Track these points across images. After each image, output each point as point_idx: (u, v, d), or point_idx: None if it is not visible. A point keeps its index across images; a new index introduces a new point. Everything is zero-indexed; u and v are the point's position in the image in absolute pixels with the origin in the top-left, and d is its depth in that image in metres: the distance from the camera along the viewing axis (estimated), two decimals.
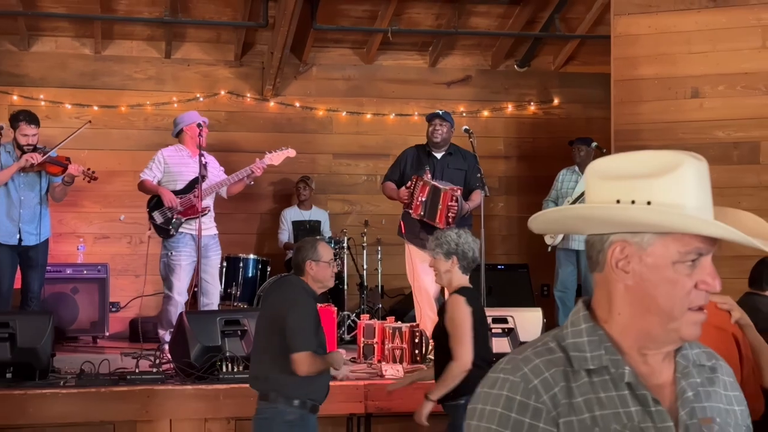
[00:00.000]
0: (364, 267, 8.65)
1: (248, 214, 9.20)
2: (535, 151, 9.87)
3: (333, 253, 4.60)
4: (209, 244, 7.14)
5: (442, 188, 6.67)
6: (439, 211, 6.64)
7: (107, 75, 9.14)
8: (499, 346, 5.99)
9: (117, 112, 9.06)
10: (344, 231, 8.70)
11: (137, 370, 5.67)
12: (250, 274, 8.34)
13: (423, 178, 6.79)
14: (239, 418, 5.40)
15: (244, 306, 8.05)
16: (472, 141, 7.05)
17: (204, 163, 7.15)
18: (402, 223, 7.06)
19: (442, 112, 7.19)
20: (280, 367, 4.26)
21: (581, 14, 9.18)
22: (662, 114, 7.09)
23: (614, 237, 1.58)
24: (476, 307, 4.42)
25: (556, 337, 1.63)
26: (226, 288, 7.99)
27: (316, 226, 8.75)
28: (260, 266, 8.43)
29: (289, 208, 9.04)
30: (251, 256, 8.44)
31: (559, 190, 8.15)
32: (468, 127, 7.20)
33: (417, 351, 6.44)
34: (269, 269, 8.49)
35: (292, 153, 7.53)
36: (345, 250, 8.44)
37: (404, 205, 6.91)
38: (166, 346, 6.62)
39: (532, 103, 9.99)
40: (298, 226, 8.75)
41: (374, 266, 8.84)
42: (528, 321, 6.27)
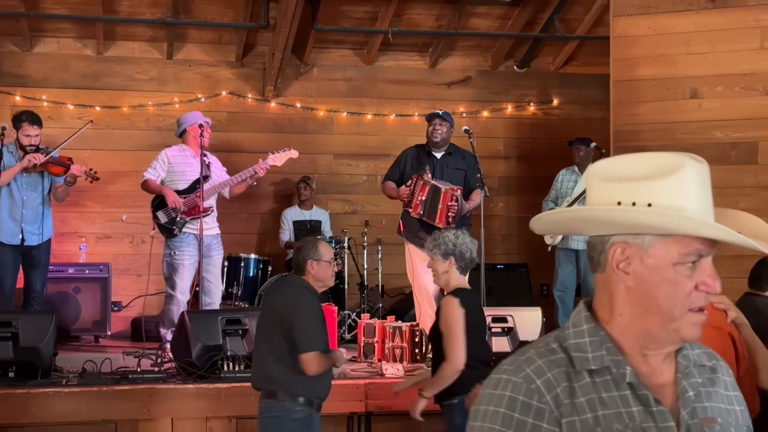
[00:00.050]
0: (365, 266, 8.66)
1: (249, 214, 9.19)
2: (535, 151, 9.86)
3: (333, 253, 4.61)
4: (212, 243, 7.16)
5: (442, 188, 6.65)
6: (439, 211, 6.62)
7: (109, 76, 9.13)
8: (499, 345, 6.00)
9: (119, 112, 9.06)
10: (345, 231, 8.71)
11: (139, 369, 5.67)
12: (251, 274, 8.34)
13: (423, 177, 6.78)
14: (240, 417, 5.42)
15: (245, 305, 8.05)
16: (472, 141, 7.06)
17: (207, 163, 7.16)
18: (401, 222, 7.05)
19: (441, 112, 7.18)
20: (288, 367, 4.27)
21: (580, 15, 9.17)
22: (661, 114, 7.08)
23: (615, 238, 1.58)
24: (471, 309, 4.41)
25: (558, 338, 1.63)
26: (228, 287, 7.98)
27: (316, 226, 8.75)
28: (261, 266, 8.43)
29: (290, 208, 9.03)
30: (252, 256, 8.44)
31: (559, 190, 8.13)
32: (468, 128, 7.22)
33: (417, 350, 6.43)
34: (270, 269, 8.48)
35: (294, 154, 7.53)
36: (346, 249, 8.45)
37: (404, 204, 6.90)
38: (168, 345, 6.63)
39: (532, 104, 9.97)
40: (299, 225, 8.75)
41: (374, 266, 8.85)
42: (527, 320, 6.25)
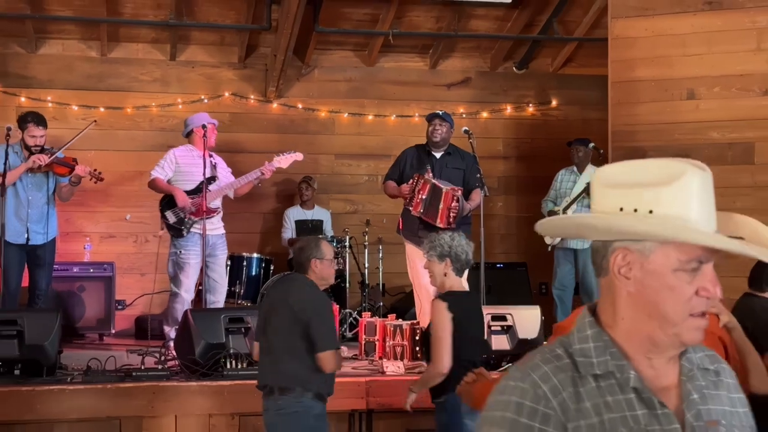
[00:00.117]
0: (366, 265, 8.69)
1: (252, 214, 9.20)
2: (534, 151, 9.87)
3: (334, 251, 4.66)
4: (217, 243, 7.21)
5: (444, 188, 6.66)
6: (440, 211, 6.63)
7: (113, 77, 9.15)
8: (498, 343, 6.05)
9: (123, 113, 9.08)
10: (346, 230, 8.73)
11: (143, 367, 5.69)
12: (254, 273, 8.37)
13: (424, 176, 6.79)
14: (243, 414, 5.45)
15: (248, 304, 8.06)
16: (471, 142, 7.07)
17: (213, 164, 7.20)
18: (401, 220, 7.07)
19: (441, 113, 7.18)
20: (306, 364, 4.29)
21: (579, 17, 9.19)
22: (658, 115, 7.10)
23: (617, 244, 1.59)
24: (461, 311, 4.40)
25: (563, 343, 1.64)
26: (230, 286, 7.95)
27: (318, 226, 8.77)
28: (264, 265, 8.45)
29: (292, 208, 9.05)
30: (255, 255, 8.47)
31: (558, 190, 8.15)
32: (468, 128, 7.22)
33: (418, 348, 6.40)
34: (272, 268, 8.50)
35: (299, 157, 7.55)
36: (347, 248, 8.48)
37: (405, 202, 6.92)
38: (171, 343, 6.66)
39: (531, 105, 9.98)
40: (300, 225, 8.77)
41: (375, 265, 8.88)
42: (526, 318, 6.27)
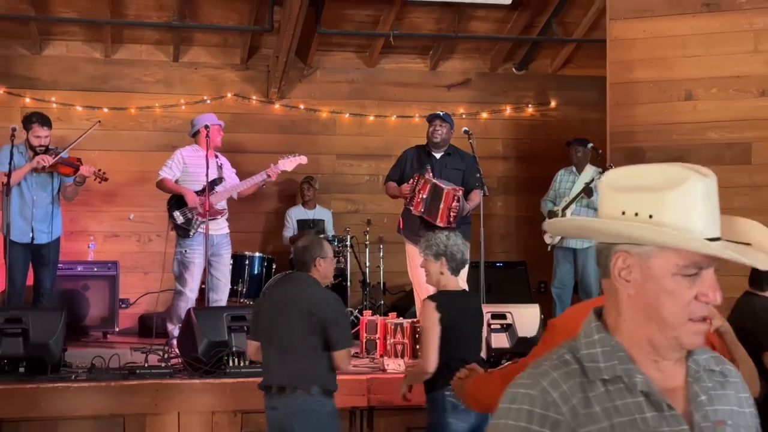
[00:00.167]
0: (367, 264, 8.72)
1: (254, 214, 9.21)
2: (533, 151, 9.89)
3: (334, 250, 4.75)
4: (221, 242, 7.27)
5: (445, 188, 6.68)
6: (441, 211, 6.65)
7: (117, 78, 9.19)
8: (498, 341, 6.07)
9: (126, 114, 9.11)
10: (347, 229, 8.76)
11: (146, 365, 5.72)
12: (256, 272, 8.40)
13: (425, 176, 6.83)
14: (245, 411, 5.48)
15: (250, 302, 8.02)
16: (471, 142, 7.09)
17: (219, 165, 7.27)
18: (401, 220, 7.10)
19: (442, 114, 7.20)
20: (323, 362, 4.33)
21: (578, 19, 9.21)
22: (657, 116, 7.16)
23: (618, 247, 1.60)
24: (451, 311, 4.41)
25: (570, 348, 1.64)
26: (233, 285, 7.95)
27: (320, 225, 8.79)
28: (266, 264, 8.48)
29: (294, 207, 9.09)
30: (257, 254, 8.50)
31: (557, 190, 8.17)
32: (467, 129, 7.24)
33: (418, 346, 6.40)
34: (274, 267, 8.53)
35: (304, 160, 7.61)
36: (348, 248, 8.51)
37: (405, 202, 6.95)
38: (175, 341, 6.68)
39: (530, 106, 10.00)
40: (302, 224, 8.79)
41: (376, 264, 8.90)
42: (526, 317, 6.28)
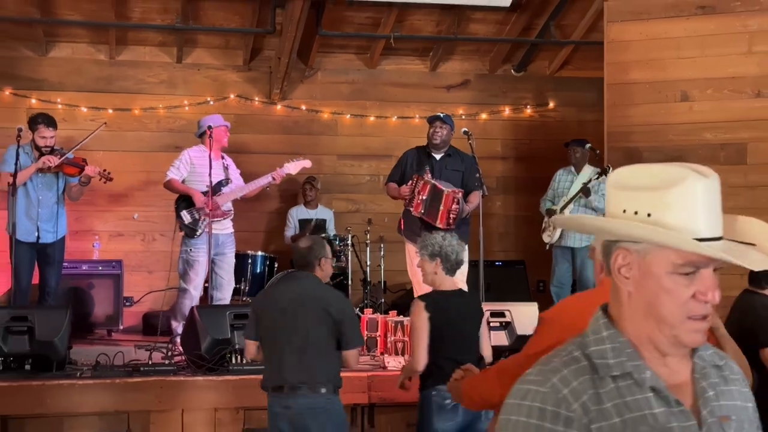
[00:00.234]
0: (368, 263, 8.77)
1: (256, 213, 9.25)
2: (532, 152, 9.91)
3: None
4: (226, 242, 7.35)
5: (444, 189, 6.74)
6: (440, 213, 6.71)
7: (121, 79, 9.24)
8: (497, 339, 6.13)
9: (131, 115, 9.16)
10: (348, 229, 8.81)
11: (150, 362, 5.77)
12: (258, 271, 8.45)
13: (424, 177, 6.89)
14: (248, 408, 5.55)
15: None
16: (471, 143, 7.14)
17: (226, 165, 7.35)
18: (402, 220, 7.17)
19: (443, 115, 7.25)
20: (334, 362, 4.39)
21: (575, 21, 9.22)
22: (653, 116, 7.23)
23: (619, 244, 1.62)
24: (441, 311, 4.45)
25: (579, 345, 1.64)
26: (236, 283, 7.91)
27: (321, 225, 8.85)
28: (268, 263, 8.54)
29: (295, 207, 9.13)
30: (259, 253, 8.56)
31: (556, 190, 8.22)
32: (467, 129, 7.29)
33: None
34: (276, 266, 8.59)
35: (308, 164, 7.72)
36: (349, 247, 8.57)
37: (405, 203, 7.01)
38: (178, 339, 6.77)
39: (529, 106, 10.03)
40: (304, 224, 8.83)
41: (377, 263, 8.95)
42: (524, 315, 6.35)
